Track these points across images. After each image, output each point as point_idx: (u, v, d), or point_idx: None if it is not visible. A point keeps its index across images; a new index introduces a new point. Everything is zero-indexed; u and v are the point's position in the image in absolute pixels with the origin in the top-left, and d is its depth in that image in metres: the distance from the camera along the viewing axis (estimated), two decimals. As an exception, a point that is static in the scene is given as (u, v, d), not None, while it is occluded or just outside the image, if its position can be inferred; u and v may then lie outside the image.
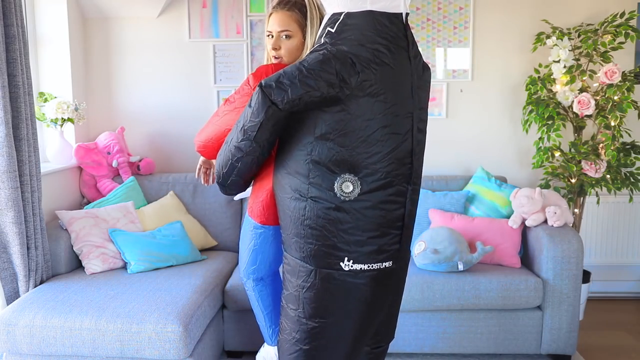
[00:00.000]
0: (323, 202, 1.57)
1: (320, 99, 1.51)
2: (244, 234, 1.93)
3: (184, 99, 3.41)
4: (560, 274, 2.59)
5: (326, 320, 1.66)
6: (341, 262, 1.59)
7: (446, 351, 2.66)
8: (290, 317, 1.70)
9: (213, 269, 2.69)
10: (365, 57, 1.51)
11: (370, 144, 1.54)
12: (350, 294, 1.63)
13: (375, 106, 1.53)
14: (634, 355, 2.80)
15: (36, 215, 2.49)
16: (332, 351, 1.71)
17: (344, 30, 1.54)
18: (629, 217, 3.46)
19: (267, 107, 1.53)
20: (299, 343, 1.70)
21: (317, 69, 1.49)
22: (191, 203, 3.12)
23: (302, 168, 1.58)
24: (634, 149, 3.09)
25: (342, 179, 1.55)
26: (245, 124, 1.59)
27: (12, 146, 2.32)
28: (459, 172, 3.41)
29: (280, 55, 1.78)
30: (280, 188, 1.67)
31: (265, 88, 1.53)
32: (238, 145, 1.63)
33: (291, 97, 1.51)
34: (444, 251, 2.62)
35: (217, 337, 2.59)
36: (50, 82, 3.14)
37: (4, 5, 2.31)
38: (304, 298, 1.65)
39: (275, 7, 1.78)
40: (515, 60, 3.35)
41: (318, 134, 1.55)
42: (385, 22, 1.53)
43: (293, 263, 1.67)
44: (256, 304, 2.02)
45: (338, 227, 1.58)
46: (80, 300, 2.28)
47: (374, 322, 1.73)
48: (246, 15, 3.33)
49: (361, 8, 1.52)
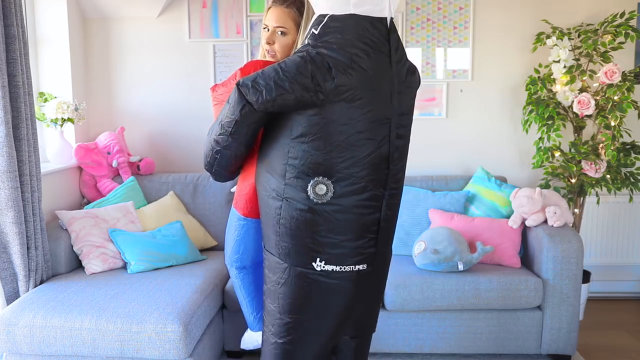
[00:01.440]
0: (296, 204, 1.58)
1: (295, 102, 1.51)
2: (230, 224, 1.96)
3: (184, 99, 3.41)
4: (560, 274, 2.59)
5: (300, 316, 1.68)
6: (313, 262, 1.61)
7: (446, 351, 2.66)
8: (269, 311, 1.74)
9: (213, 269, 2.69)
10: (343, 62, 1.49)
11: (344, 149, 1.54)
12: (324, 292, 1.65)
13: (351, 112, 1.52)
14: (634, 355, 2.80)
15: (36, 215, 2.49)
16: (307, 344, 1.72)
17: (326, 33, 1.53)
18: (629, 217, 3.46)
19: (242, 105, 1.55)
20: (274, 336, 1.73)
21: (293, 72, 1.49)
22: (191, 203, 3.12)
23: (280, 168, 1.59)
24: (634, 149, 3.09)
25: (316, 182, 1.55)
26: (223, 119, 1.62)
27: (12, 146, 2.32)
28: (459, 172, 3.41)
29: (274, 50, 1.79)
30: (261, 185, 1.69)
31: (241, 87, 1.54)
32: (216, 138, 1.65)
33: (265, 99, 1.51)
34: (444, 251, 2.62)
35: (217, 337, 2.59)
36: (50, 82, 3.14)
37: (4, 5, 2.31)
38: (279, 293, 1.67)
39: (274, 1, 1.80)
40: (515, 60, 3.35)
41: (294, 136, 1.55)
42: (368, 26, 1.51)
43: (270, 259, 1.69)
44: (239, 290, 2.06)
45: (311, 229, 1.59)
46: (80, 300, 2.28)
47: (350, 318, 1.74)
48: (246, 15, 3.33)
49: (345, 11, 1.51)
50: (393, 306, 2.58)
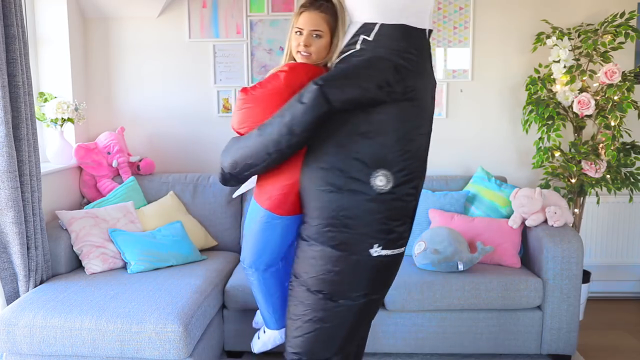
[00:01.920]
0: (360, 195, 1.71)
1: (370, 101, 1.66)
2: (256, 225, 1.94)
3: (184, 99, 3.41)
4: (560, 274, 2.59)
5: (349, 301, 1.82)
6: (370, 249, 1.75)
7: (446, 351, 2.66)
8: (313, 299, 1.84)
9: (213, 269, 2.69)
10: (406, 65, 1.67)
11: (403, 143, 1.71)
12: (373, 276, 1.80)
13: (411, 110, 1.71)
14: (634, 355, 2.80)
15: (36, 215, 2.49)
16: (352, 328, 1.88)
17: (380, 40, 1.68)
18: (629, 217, 3.46)
19: (322, 105, 1.64)
20: (320, 322, 1.84)
21: (369, 73, 1.65)
22: (191, 203, 3.12)
23: (340, 163, 1.71)
24: (634, 149, 3.09)
25: (378, 174, 1.70)
26: (293, 119, 1.67)
27: (12, 146, 2.32)
28: (459, 172, 3.41)
29: (310, 52, 1.84)
30: (312, 182, 1.76)
31: (323, 87, 1.63)
32: (280, 139, 1.70)
33: (347, 97, 1.64)
34: (444, 251, 2.62)
35: (217, 337, 2.59)
36: (50, 82, 3.14)
37: (4, 5, 2.31)
38: (331, 281, 1.79)
39: (307, 6, 1.85)
40: (515, 60, 3.35)
41: (359, 132, 1.69)
42: (415, 35, 1.71)
43: (322, 250, 1.79)
44: (261, 291, 2.05)
45: (372, 217, 1.73)
46: (80, 300, 2.28)
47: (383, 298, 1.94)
48: (246, 15, 3.33)
49: (396, 21, 1.68)
50: (393, 306, 2.58)
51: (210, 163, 3.42)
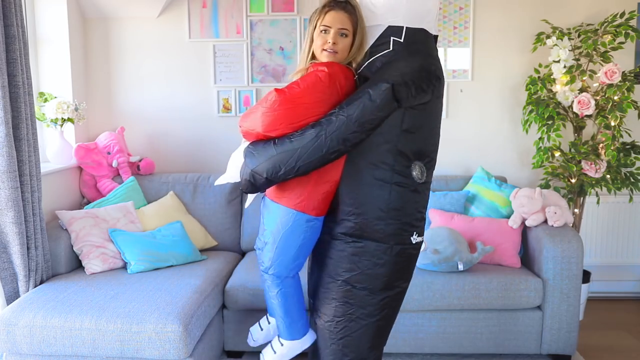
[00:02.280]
0: (405, 186, 1.82)
1: (421, 99, 1.78)
2: (285, 229, 1.87)
3: (184, 99, 3.41)
4: (560, 274, 2.59)
5: (392, 291, 1.90)
6: (411, 237, 1.86)
7: (446, 351, 2.66)
8: (358, 296, 1.89)
9: (213, 269, 2.69)
10: (437, 65, 1.83)
11: (433, 136, 1.89)
12: (409, 263, 1.91)
13: (439, 106, 1.88)
14: (634, 355, 2.80)
15: (36, 215, 2.49)
16: (394, 315, 1.96)
17: (410, 43, 1.81)
18: (629, 217, 3.46)
19: (392, 104, 1.74)
20: (368, 317, 1.90)
21: (425, 75, 1.78)
22: (191, 203, 3.12)
23: (387, 157, 1.80)
24: (634, 149, 3.09)
25: (416, 165, 1.82)
26: (363, 117, 1.74)
27: (12, 146, 2.32)
28: (459, 172, 3.41)
29: (337, 50, 1.86)
30: (358, 178, 1.84)
31: (396, 86, 1.73)
32: (347, 136, 1.75)
33: (413, 96, 1.75)
34: (444, 251, 2.62)
35: (217, 337, 2.59)
36: (50, 82, 3.14)
37: (4, 5, 2.31)
38: (377, 274, 1.86)
39: (333, 5, 1.87)
40: (515, 60, 3.35)
41: (404, 128, 1.79)
42: (432, 39, 1.87)
43: (366, 245, 1.85)
44: (287, 300, 1.99)
45: (413, 206, 1.85)
46: (80, 300, 2.28)
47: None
48: (246, 15, 3.33)
49: (418, 25, 1.82)
50: (393, 306, 2.58)
51: (210, 163, 3.42)
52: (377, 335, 1.93)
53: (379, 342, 1.96)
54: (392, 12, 1.81)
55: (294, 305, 2.02)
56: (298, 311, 2.04)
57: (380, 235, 1.83)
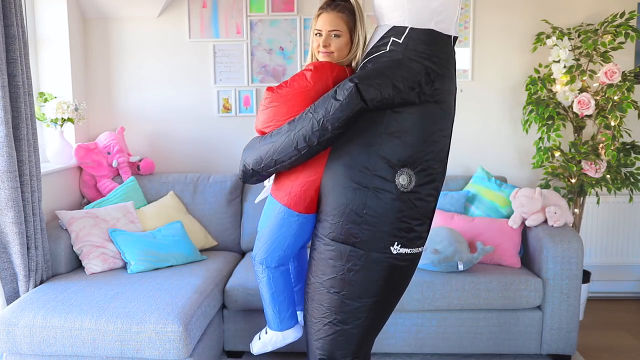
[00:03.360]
0: (385, 193, 1.75)
1: (402, 101, 1.71)
2: (272, 220, 1.96)
3: (184, 99, 3.41)
4: (560, 274, 2.59)
5: (369, 299, 1.84)
6: (391, 247, 1.78)
7: (446, 351, 2.66)
8: (332, 301, 1.85)
9: (213, 269, 2.69)
10: (434, 69, 1.73)
11: (428, 144, 1.76)
12: (393, 274, 1.82)
13: (437, 112, 1.76)
14: (634, 355, 2.80)
15: (36, 215, 2.49)
16: (372, 326, 1.89)
17: (410, 43, 1.74)
18: (629, 217, 3.46)
19: (357, 102, 1.69)
20: (340, 324, 1.86)
21: (403, 74, 1.69)
22: (191, 203, 3.12)
23: (367, 161, 1.74)
24: (634, 149, 3.09)
25: (402, 173, 1.74)
26: (326, 115, 1.71)
27: (12, 146, 2.32)
28: (459, 172, 3.41)
29: (331, 51, 1.88)
30: (337, 179, 1.80)
31: (360, 85, 1.68)
32: (311, 135, 1.74)
33: (383, 97, 1.69)
34: (444, 251, 2.62)
35: (217, 337, 2.59)
36: (50, 82, 3.14)
37: (4, 5, 2.31)
38: (350, 280, 1.81)
39: (325, 8, 1.90)
40: (515, 60, 3.35)
41: (387, 132, 1.73)
42: (442, 40, 1.77)
43: (341, 249, 1.81)
44: (270, 289, 2.06)
45: (394, 216, 1.76)
46: (80, 300, 2.28)
47: (401, 297, 1.96)
48: (246, 15, 3.33)
49: (425, 26, 1.74)
50: (393, 306, 2.58)
51: (211, 163, 3.42)
52: (350, 343, 1.89)
53: (353, 349, 1.92)
54: (397, 11, 1.77)
55: (279, 296, 2.07)
56: (284, 303, 2.09)
57: (355, 239, 1.79)
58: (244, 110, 3.39)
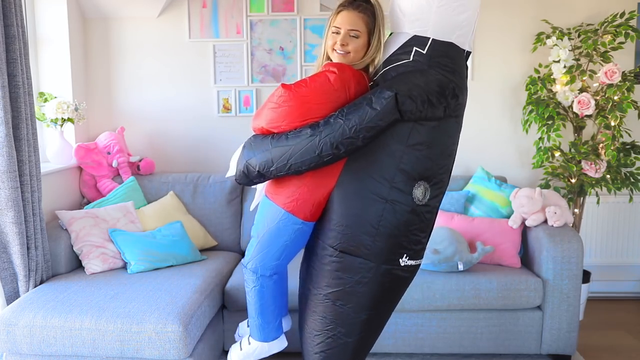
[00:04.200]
0: (402, 205, 1.72)
1: (432, 115, 1.69)
2: (271, 226, 1.86)
3: (184, 99, 3.41)
4: (560, 274, 2.59)
5: (374, 312, 1.83)
6: (400, 259, 1.77)
7: (446, 351, 2.66)
8: (338, 314, 1.82)
9: (213, 269, 2.69)
10: (459, 83, 1.72)
11: (445, 158, 1.76)
12: (397, 286, 1.83)
13: (455, 126, 1.77)
14: (634, 355, 2.80)
15: (36, 215, 2.49)
16: (372, 337, 1.89)
17: (434, 55, 1.71)
18: (629, 217, 3.46)
19: (393, 113, 1.65)
20: (344, 337, 1.84)
21: (437, 88, 1.67)
22: (191, 203, 3.12)
23: (388, 173, 1.71)
24: (634, 149, 3.09)
25: (419, 186, 1.73)
26: (360, 123, 1.66)
27: (12, 146, 2.32)
28: (459, 172, 3.40)
29: (348, 51, 1.80)
30: (351, 189, 1.76)
31: (400, 96, 1.64)
32: (341, 142, 1.68)
33: (417, 109, 1.66)
34: (444, 251, 2.62)
35: (217, 337, 2.59)
36: (50, 82, 3.14)
37: (4, 5, 2.31)
38: (358, 293, 1.78)
39: (345, 5, 1.81)
40: (515, 60, 3.35)
41: (410, 144, 1.70)
42: (459, 54, 1.76)
43: (349, 261, 1.77)
44: (261, 299, 1.96)
45: (407, 228, 1.75)
46: (80, 300, 2.28)
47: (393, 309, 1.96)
48: (246, 15, 3.33)
49: (446, 39, 1.72)
50: (393, 306, 2.58)
51: (211, 163, 3.42)
52: (353, 356, 1.88)
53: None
54: (420, 21, 1.72)
55: (268, 307, 1.98)
56: (272, 314, 1.99)
57: (366, 251, 1.75)
58: (244, 111, 3.39)
